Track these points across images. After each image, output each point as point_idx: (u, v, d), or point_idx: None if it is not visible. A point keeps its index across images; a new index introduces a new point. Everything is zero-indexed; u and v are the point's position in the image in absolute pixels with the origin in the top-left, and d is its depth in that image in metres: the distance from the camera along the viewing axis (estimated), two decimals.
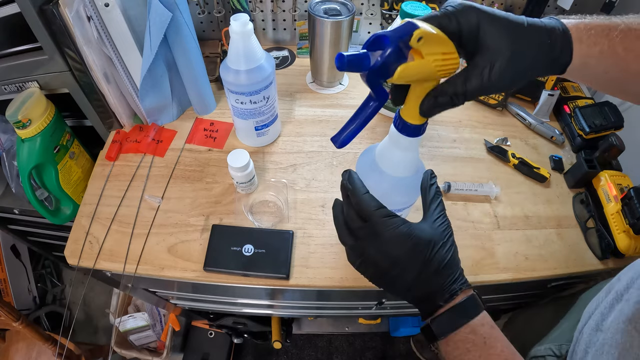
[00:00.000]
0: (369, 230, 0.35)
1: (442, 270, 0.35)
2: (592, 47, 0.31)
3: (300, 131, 0.76)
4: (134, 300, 1.13)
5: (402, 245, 0.34)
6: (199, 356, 1.19)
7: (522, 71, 0.30)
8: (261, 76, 0.59)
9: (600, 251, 0.60)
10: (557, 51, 0.31)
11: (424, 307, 0.37)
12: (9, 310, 0.87)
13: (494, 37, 0.29)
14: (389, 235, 0.34)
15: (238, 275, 0.56)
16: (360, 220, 0.36)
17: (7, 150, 0.73)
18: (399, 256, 0.34)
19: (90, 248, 0.58)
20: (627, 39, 0.31)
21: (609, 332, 0.36)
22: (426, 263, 0.34)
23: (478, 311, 0.35)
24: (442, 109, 0.32)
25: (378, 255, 0.35)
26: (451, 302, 0.35)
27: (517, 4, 0.86)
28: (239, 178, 0.61)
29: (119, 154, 0.70)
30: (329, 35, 0.73)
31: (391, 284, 0.37)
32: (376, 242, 0.35)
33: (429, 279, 0.35)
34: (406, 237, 0.34)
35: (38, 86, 0.64)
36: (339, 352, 1.32)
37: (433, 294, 0.35)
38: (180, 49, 0.65)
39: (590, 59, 0.31)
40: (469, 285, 0.36)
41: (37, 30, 0.56)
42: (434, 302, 0.35)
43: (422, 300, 0.37)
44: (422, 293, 0.36)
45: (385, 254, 0.35)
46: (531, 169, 0.70)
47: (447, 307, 0.35)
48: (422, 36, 0.28)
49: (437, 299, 0.35)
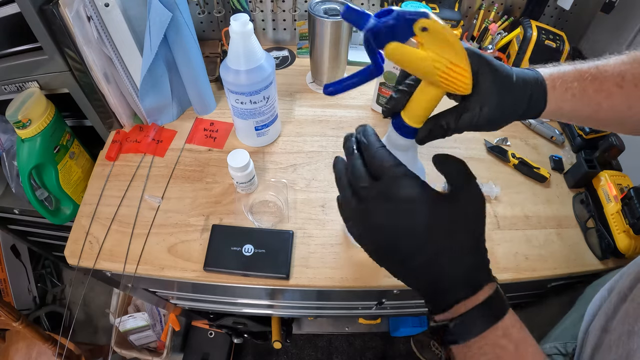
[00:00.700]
0: (380, 189, 0.29)
1: (469, 254, 0.29)
2: (564, 92, 0.34)
3: (300, 131, 0.76)
4: (134, 300, 1.13)
5: (421, 212, 0.28)
6: (199, 356, 1.19)
7: (505, 117, 0.34)
8: (261, 76, 0.59)
9: (600, 251, 0.60)
10: (534, 100, 0.34)
11: (436, 300, 0.30)
12: (9, 310, 0.87)
13: (488, 84, 0.32)
14: (406, 196, 0.28)
15: (238, 275, 0.56)
16: (370, 178, 0.30)
17: (7, 150, 0.73)
18: (414, 226, 0.28)
19: (90, 248, 0.58)
20: (596, 80, 0.34)
21: (615, 333, 0.35)
22: (450, 241, 0.28)
23: (506, 309, 0.29)
24: (434, 139, 0.34)
25: (387, 222, 0.29)
26: (473, 297, 0.28)
27: (517, 4, 0.86)
28: (239, 178, 0.61)
29: (119, 154, 0.70)
30: (329, 35, 0.73)
31: (397, 263, 0.30)
32: (387, 205, 0.29)
33: (450, 263, 0.28)
34: (431, 202, 0.28)
35: (38, 86, 0.64)
36: (339, 352, 1.32)
37: (452, 284, 0.29)
38: (180, 49, 0.65)
39: (564, 102, 0.34)
40: (494, 278, 0.30)
41: (37, 30, 0.56)
42: (453, 295, 0.29)
43: (435, 290, 0.30)
44: (436, 281, 0.29)
45: (396, 220, 0.28)
46: (531, 169, 0.70)
47: (475, 304, 0.28)
48: (427, 27, 0.27)
49: (457, 291, 0.28)
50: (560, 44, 0.75)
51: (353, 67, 0.90)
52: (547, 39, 0.75)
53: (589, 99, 0.34)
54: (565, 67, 0.35)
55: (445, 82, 0.29)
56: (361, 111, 0.80)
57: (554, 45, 0.75)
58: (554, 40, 0.75)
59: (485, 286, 0.29)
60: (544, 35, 0.75)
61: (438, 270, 0.29)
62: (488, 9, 0.85)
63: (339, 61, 0.79)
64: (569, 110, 0.35)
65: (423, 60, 0.28)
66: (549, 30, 0.77)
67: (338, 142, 0.74)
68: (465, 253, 0.29)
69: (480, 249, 0.30)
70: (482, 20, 0.85)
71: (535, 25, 0.77)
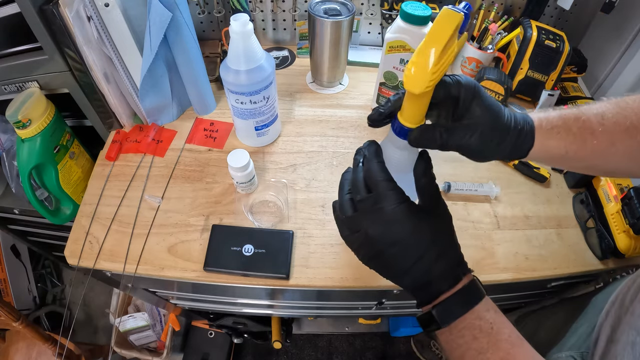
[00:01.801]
0: (372, 201, 0.34)
1: (446, 254, 0.34)
2: (550, 130, 0.36)
3: (300, 131, 0.76)
4: (134, 300, 1.13)
5: (404, 223, 0.33)
6: (199, 356, 1.19)
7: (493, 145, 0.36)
8: (261, 76, 0.59)
9: (600, 251, 0.60)
10: (522, 136, 0.36)
11: (422, 294, 0.35)
12: (9, 310, 0.87)
13: (481, 111, 0.35)
14: (392, 209, 0.33)
15: (238, 275, 0.56)
16: (366, 190, 0.35)
17: (7, 150, 0.73)
18: (399, 235, 0.33)
19: (90, 248, 0.58)
20: (579, 119, 0.36)
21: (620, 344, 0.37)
22: (429, 246, 0.33)
23: (481, 296, 0.33)
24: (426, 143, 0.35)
25: (376, 231, 0.33)
26: (455, 287, 0.33)
27: (517, 4, 0.86)
28: (239, 178, 0.61)
29: (119, 154, 0.70)
30: (329, 35, 0.72)
31: (386, 266, 0.35)
32: (376, 216, 0.33)
33: (431, 263, 0.33)
34: (410, 214, 0.33)
35: (38, 86, 0.64)
36: (339, 352, 1.32)
37: (435, 279, 0.33)
38: (180, 49, 0.65)
39: (549, 140, 0.36)
40: (469, 270, 0.35)
41: (37, 30, 0.56)
42: (436, 288, 0.34)
43: (422, 286, 0.35)
44: (422, 278, 0.34)
45: (384, 230, 0.33)
46: (531, 169, 0.70)
47: (451, 293, 0.33)
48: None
49: (440, 285, 0.33)
50: (560, 44, 0.75)
51: (353, 67, 0.90)
52: (547, 39, 0.75)
53: (574, 136, 0.36)
54: (550, 111, 0.38)
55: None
56: (361, 111, 0.80)
57: (554, 45, 0.75)
58: (554, 40, 0.75)
59: (463, 278, 0.34)
60: (544, 35, 0.75)
61: (424, 270, 0.34)
62: (488, 9, 0.85)
63: (339, 61, 0.79)
64: (555, 147, 0.36)
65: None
66: (549, 30, 0.77)
67: (338, 142, 0.74)
68: (445, 254, 0.34)
69: (455, 248, 0.35)
70: (482, 20, 0.85)
71: (535, 25, 0.77)
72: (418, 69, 0.30)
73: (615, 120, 0.35)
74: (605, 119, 0.36)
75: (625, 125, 0.35)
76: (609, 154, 0.36)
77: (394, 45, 0.65)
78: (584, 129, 0.36)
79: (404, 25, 0.62)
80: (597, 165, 0.38)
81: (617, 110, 0.36)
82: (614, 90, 0.84)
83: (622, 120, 0.35)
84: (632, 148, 0.36)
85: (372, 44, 0.95)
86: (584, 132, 0.36)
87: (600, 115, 0.36)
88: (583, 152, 0.36)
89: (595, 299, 0.57)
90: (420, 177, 0.36)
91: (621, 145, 0.36)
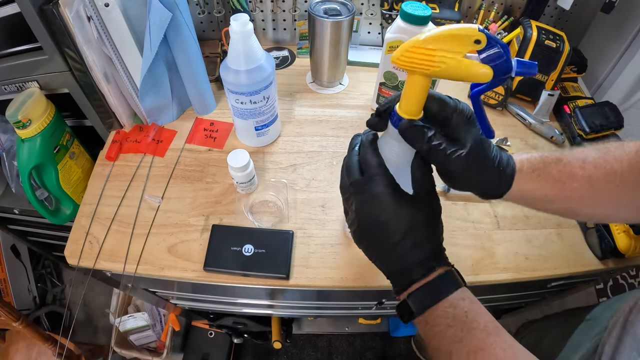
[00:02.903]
0: (362, 183, 0.35)
1: (422, 244, 0.34)
2: (531, 173, 0.36)
3: (300, 131, 0.76)
4: (134, 300, 1.13)
5: (384, 208, 0.34)
6: (199, 356, 1.19)
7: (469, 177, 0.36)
8: (261, 76, 0.59)
9: (600, 251, 0.60)
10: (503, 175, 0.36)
11: (397, 282, 0.36)
12: (9, 310, 0.87)
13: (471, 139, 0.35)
14: (376, 193, 0.34)
15: (238, 275, 0.56)
16: (360, 173, 0.36)
17: (7, 150, 0.73)
18: (379, 218, 0.34)
19: (90, 248, 0.58)
20: (560, 162, 0.36)
21: None
22: (406, 233, 0.34)
23: (457, 286, 0.34)
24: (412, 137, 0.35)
25: (362, 212, 0.35)
26: (426, 278, 0.34)
27: (517, 4, 0.86)
28: (239, 178, 0.61)
29: (119, 154, 0.70)
30: (329, 35, 0.72)
31: (369, 248, 0.37)
32: (363, 197, 0.35)
33: (406, 251, 0.34)
34: (391, 200, 0.34)
35: (38, 86, 0.64)
36: (339, 352, 1.32)
37: (409, 267, 0.34)
38: (180, 49, 0.65)
39: (529, 182, 0.36)
40: (448, 264, 0.35)
41: (37, 30, 0.56)
42: (408, 277, 0.34)
43: (396, 273, 0.36)
44: (396, 265, 0.35)
45: (367, 211, 0.35)
46: None
47: (424, 282, 0.34)
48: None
49: (413, 274, 0.34)
50: (560, 44, 0.75)
51: (353, 67, 0.90)
52: (547, 39, 0.75)
53: (553, 179, 0.36)
54: (532, 154, 0.38)
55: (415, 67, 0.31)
56: (361, 111, 0.80)
57: (554, 45, 0.75)
58: (554, 40, 0.75)
59: (438, 269, 0.34)
60: (544, 35, 0.75)
61: (399, 256, 0.35)
62: (488, 9, 0.85)
63: (339, 61, 0.79)
64: (534, 189, 0.36)
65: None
66: (549, 30, 0.77)
67: (338, 142, 0.74)
68: (421, 244, 0.34)
69: (435, 242, 0.36)
70: (482, 20, 0.85)
71: (535, 25, 0.77)
72: (404, 44, 0.31)
73: (595, 164, 0.36)
74: (587, 163, 0.36)
75: (606, 169, 0.35)
76: (587, 197, 0.37)
77: (394, 45, 0.65)
78: (563, 172, 0.36)
79: (404, 25, 0.62)
80: (575, 209, 0.38)
81: (599, 154, 0.36)
82: (614, 90, 0.84)
83: (603, 164, 0.36)
84: (611, 193, 0.36)
85: (372, 44, 0.95)
86: (563, 174, 0.36)
87: (581, 159, 0.36)
88: (562, 194, 0.37)
89: (595, 312, 0.57)
90: (415, 170, 0.36)
91: (600, 189, 0.36)
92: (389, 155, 0.38)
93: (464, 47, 0.30)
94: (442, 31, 0.30)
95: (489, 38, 0.29)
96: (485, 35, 0.29)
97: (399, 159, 0.38)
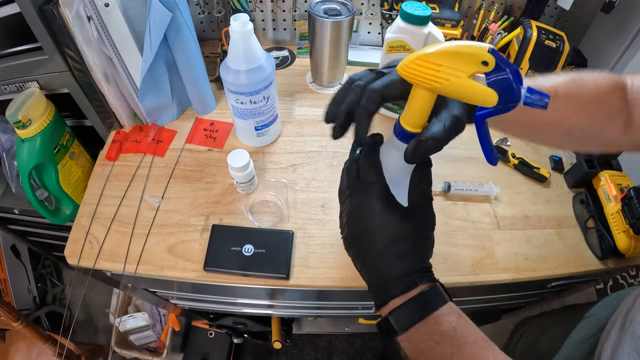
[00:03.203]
0: (356, 187, 0.35)
1: (406, 257, 0.33)
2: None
3: (300, 131, 0.76)
4: (134, 300, 1.13)
5: (372, 215, 0.33)
6: (199, 356, 1.19)
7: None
8: (261, 76, 0.59)
9: (600, 251, 0.60)
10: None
11: (378, 294, 0.34)
12: (9, 310, 0.87)
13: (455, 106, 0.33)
14: (366, 199, 0.34)
15: (238, 275, 0.56)
16: (358, 178, 0.36)
17: (7, 150, 0.73)
18: (366, 224, 0.33)
19: (90, 248, 0.58)
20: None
21: None
22: (390, 243, 0.33)
23: (443, 302, 0.32)
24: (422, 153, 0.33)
25: (352, 216, 0.35)
26: (407, 293, 0.32)
27: (517, 4, 0.86)
28: (239, 178, 0.61)
29: (119, 154, 0.70)
30: (329, 35, 0.72)
31: (356, 255, 0.36)
32: (355, 201, 0.35)
33: (390, 262, 0.33)
34: (380, 208, 0.33)
35: (38, 86, 0.64)
36: (339, 352, 1.32)
37: (390, 280, 0.33)
38: (180, 49, 0.65)
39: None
40: (432, 279, 0.34)
41: (37, 30, 0.56)
42: (388, 291, 0.33)
43: (378, 285, 0.34)
44: (378, 275, 0.34)
45: (357, 217, 0.34)
46: (531, 169, 0.70)
47: (407, 299, 0.32)
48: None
49: (394, 288, 0.33)
50: (560, 44, 0.75)
51: (353, 67, 0.90)
52: (547, 39, 0.75)
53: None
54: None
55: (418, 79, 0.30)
56: None
57: (554, 45, 0.75)
58: (554, 40, 0.75)
59: (420, 285, 0.32)
60: (544, 35, 0.75)
61: (382, 266, 0.33)
62: (488, 9, 0.85)
63: (339, 61, 0.79)
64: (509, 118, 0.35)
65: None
66: (549, 30, 0.77)
67: (338, 142, 0.73)
68: (406, 257, 0.33)
69: (421, 256, 0.34)
70: (482, 20, 0.85)
71: (535, 25, 0.77)
72: (411, 55, 0.30)
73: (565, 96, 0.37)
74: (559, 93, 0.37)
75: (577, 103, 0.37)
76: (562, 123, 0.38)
77: (394, 45, 0.65)
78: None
79: (404, 25, 0.62)
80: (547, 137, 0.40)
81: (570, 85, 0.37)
82: None
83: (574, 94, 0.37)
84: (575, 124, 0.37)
85: (372, 44, 0.95)
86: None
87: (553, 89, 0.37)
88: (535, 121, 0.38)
89: (594, 310, 0.57)
90: (413, 182, 0.36)
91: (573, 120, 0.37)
92: (388, 163, 0.37)
93: (469, 66, 0.28)
94: (449, 47, 0.28)
95: (498, 61, 0.27)
96: (494, 58, 0.27)
97: (398, 168, 0.37)
